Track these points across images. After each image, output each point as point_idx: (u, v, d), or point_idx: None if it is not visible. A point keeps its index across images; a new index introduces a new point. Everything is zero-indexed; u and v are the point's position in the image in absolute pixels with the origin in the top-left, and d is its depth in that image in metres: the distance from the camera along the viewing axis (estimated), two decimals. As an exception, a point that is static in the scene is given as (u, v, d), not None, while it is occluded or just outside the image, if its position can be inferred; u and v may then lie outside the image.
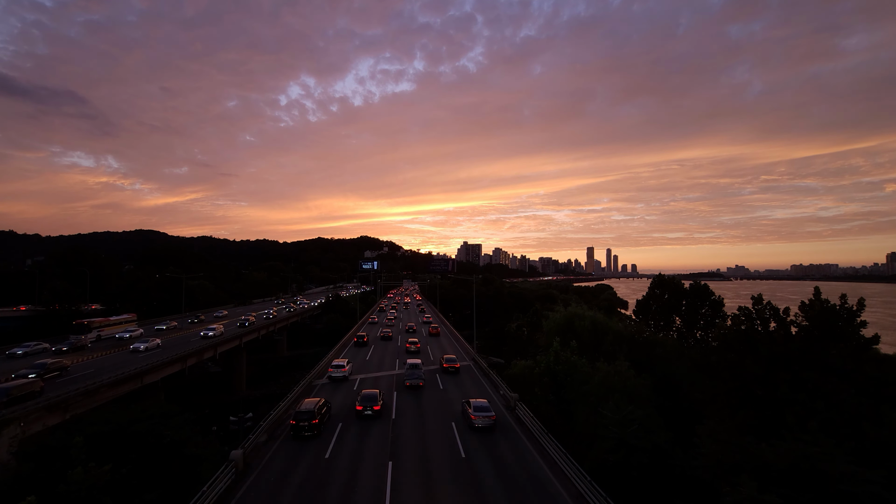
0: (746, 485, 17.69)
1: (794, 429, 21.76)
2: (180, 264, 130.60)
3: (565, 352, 39.42)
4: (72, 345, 55.78)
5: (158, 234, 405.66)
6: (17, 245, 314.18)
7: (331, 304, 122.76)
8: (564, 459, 23.21)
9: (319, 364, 46.52)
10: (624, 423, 25.97)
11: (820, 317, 30.11)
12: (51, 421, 32.87)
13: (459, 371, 45.38)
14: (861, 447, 21.35)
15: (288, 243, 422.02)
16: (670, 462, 24.67)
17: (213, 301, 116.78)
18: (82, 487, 20.97)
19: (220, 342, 64.07)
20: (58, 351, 53.10)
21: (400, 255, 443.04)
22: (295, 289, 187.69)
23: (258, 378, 79.30)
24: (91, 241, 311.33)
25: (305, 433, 27.02)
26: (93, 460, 22.71)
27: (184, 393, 64.58)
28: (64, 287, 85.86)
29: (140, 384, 44.91)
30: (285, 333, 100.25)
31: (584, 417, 31.21)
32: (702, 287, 55.37)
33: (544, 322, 64.02)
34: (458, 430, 28.69)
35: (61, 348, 54.10)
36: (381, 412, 31.33)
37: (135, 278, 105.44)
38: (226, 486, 20.47)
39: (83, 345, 57.40)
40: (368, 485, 21.26)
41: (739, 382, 30.32)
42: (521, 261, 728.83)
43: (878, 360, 29.18)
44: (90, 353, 54.24)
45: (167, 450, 27.26)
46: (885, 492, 17.87)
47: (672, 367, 40.56)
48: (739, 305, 34.54)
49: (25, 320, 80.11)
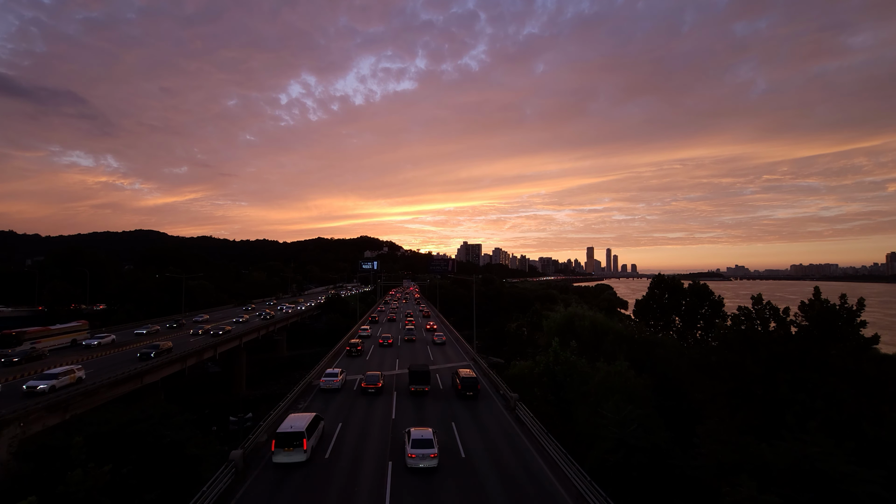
0: (746, 485, 17.70)
1: (794, 429, 21.76)
2: (180, 264, 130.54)
3: (565, 352, 39.42)
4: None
5: (158, 234, 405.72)
6: (17, 245, 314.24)
7: (331, 304, 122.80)
8: (564, 459, 23.20)
9: (316, 367, 46.48)
10: (624, 423, 25.96)
11: (820, 317, 30.15)
12: (51, 421, 32.86)
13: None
14: (861, 447, 21.34)
15: (288, 243, 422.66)
16: (670, 462, 24.66)
17: (214, 301, 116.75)
18: (81, 488, 20.96)
19: (221, 342, 64.04)
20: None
21: (400, 255, 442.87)
22: (295, 289, 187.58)
23: (258, 378, 79.28)
24: (91, 241, 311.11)
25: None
26: (93, 460, 22.71)
27: (184, 393, 64.57)
28: (64, 287, 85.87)
29: (140, 384, 44.90)
30: (285, 333, 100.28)
31: (584, 417, 31.19)
32: (701, 287, 55.34)
33: (544, 322, 64.02)
34: (457, 429, 28.81)
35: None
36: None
37: (134, 278, 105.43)
38: (226, 486, 20.46)
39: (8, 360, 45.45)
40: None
41: (739, 382, 30.36)
42: (521, 261, 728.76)
43: (878, 360, 29.19)
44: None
45: (167, 450, 27.25)
46: (885, 492, 17.87)
47: (672, 367, 40.54)
48: (739, 305, 34.59)
49: (22, 321, 79.75)
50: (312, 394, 37.13)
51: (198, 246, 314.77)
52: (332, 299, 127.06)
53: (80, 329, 61.15)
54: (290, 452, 22.50)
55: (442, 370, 46.59)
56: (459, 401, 35.38)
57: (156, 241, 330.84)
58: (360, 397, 36.08)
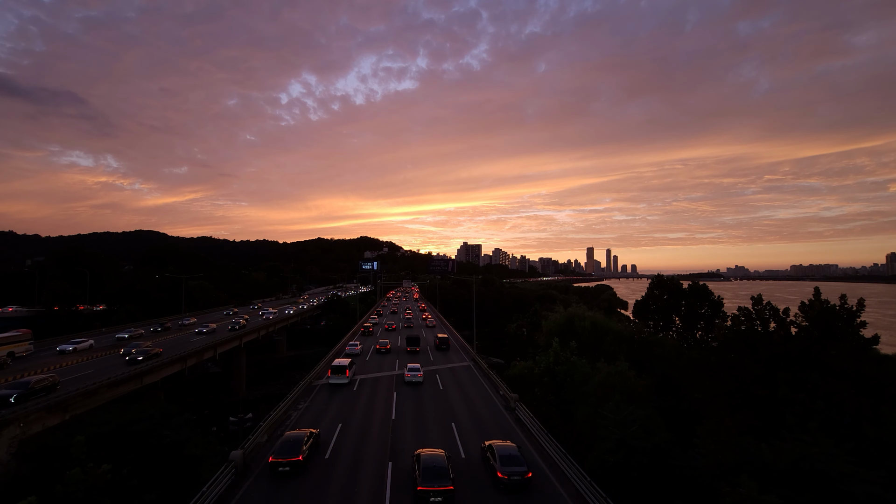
0: (746, 485, 17.69)
1: (794, 429, 21.77)
2: (180, 265, 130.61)
3: (565, 352, 39.37)
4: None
5: (158, 235, 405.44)
6: (17, 245, 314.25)
7: (331, 305, 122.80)
8: (564, 459, 23.21)
9: (316, 367, 46.42)
10: (624, 423, 25.95)
11: (820, 317, 30.14)
12: (51, 421, 32.81)
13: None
14: (861, 447, 21.35)
15: (288, 243, 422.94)
16: (670, 462, 24.65)
17: (213, 302, 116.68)
18: (81, 488, 20.94)
19: (220, 342, 64.02)
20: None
21: (400, 255, 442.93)
22: (294, 289, 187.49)
23: (258, 378, 79.25)
24: (91, 242, 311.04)
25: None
26: (92, 461, 22.69)
27: (183, 393, 64.60)
28: (64, 287, 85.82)
29: (140, 384, 44.87)
30: (285, 333, 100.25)
31: (584, 418, 31.18)
32: (701, 287, 55.37)
33: (544, 322, 63.93)
34: (457, 430, 28.78)
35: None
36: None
37: (134, 279, 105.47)
38: (226, 487, 20.45)
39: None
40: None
41: (739, 382, 30.35)
42: (521, 261, 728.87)
43: (878, 361, 29.19)
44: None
45: (167, 450, 27.24)
46: (885, 492, 17.86)
47: (672, 368, 40.54)
48: (739, 306, 34.57)
49: (21, 321, 79.35)
50: (313, 392, 37.16)
51: (198, 246, 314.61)
52: (332, 300, 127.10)
53: (17, 339, 49.84)
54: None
55: (442, 370, 46.78)
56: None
57: (156, 241, 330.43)
58: (375, 355, 54.16)
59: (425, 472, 19.73)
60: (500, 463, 21.11)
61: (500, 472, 20.72)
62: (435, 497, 19.00)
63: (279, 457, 21.83)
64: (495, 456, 21.66)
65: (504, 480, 20.56)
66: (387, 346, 56.49)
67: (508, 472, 20.61)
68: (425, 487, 19.13)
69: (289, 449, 22.26)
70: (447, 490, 19.12)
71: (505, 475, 20.58)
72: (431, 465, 20.09)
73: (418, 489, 19.25)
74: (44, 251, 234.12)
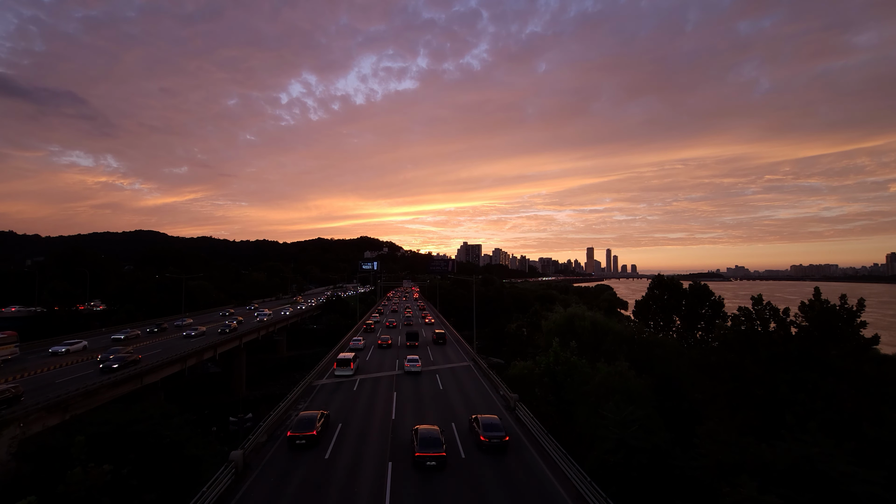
0: (746, 485, 17.68)
1: (794, 429, 21.75)
2: (180, 265, 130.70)
3: (565, 352, 39.37)
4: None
5: (158, 235, 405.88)
6: (17, 245, 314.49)
7: (331, 305, 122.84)
8: (564, 460, 23.24)
9: (316, 367, 46.45)
10: (624, 423, 25.95)
11: (820, 317, 30.13)
12: (51, 421, 32.85)
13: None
14: (861, 447, 21.32)
15: (288, 243, 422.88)
16: (670, 462, 24.66)
17: (213, 302, 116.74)
18: (81, 488, 20.95)
19: (220, 342, 64.05)
20: None
21: (400, 255, 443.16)
22: (294, 289, 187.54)
23: (258, 378, 79.26)
24: (91, 242, 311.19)
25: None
26: (92, 461, 22.69)
27: (183, 393, 64.59)
28: (64, 288, 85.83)
29: (140, 384, 44.90)
30: (285, 334, 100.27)
31: (585, 418, 31.18)
32: (701, 287, 55.32)
33: (544, 322, 63.94)
34: (457, 430, 28.81)
35: None
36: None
37: (134, 279, 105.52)
38: (226, 487, 20.46)
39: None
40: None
41: (739, 383, 30.35)
42: (521, 261, 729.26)
43: (878, 361, 29.18)
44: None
45: (167, 450, 27.23)
46: (885, 492, 17.85)
47: (672, 368, 40.53)
48: (739, 306, 34.57)
49: (23, 321, 79.52)
50: (313, 392, 37.15)
51: (198, 246, 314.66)
52: (332, 300, 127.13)
53: (1, 342, 48.16)
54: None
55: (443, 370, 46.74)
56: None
57: (156, 241, 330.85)
58: (377, 351, 57.75)
59: (421, 442, 23.35)
60: (482, 429, 25.79)
61: (483, 436, 25.33)
62: (430, 461, 22.62)
63: (296, 431, 25.67)
64: (479, 424, 26.46)
65: (485, 443, 25.16)
66: (388, 341, 61.05)
67: (489, 436, 25.25)
68: (422, 453, 22.70)
69: (304, 425, 26.03)
70: (440, 455, 22.76)
71: (486, 438, 25.21)
72: (427, 437, 23.73)
73: (416, 455, 22.83)
74: (44, 251, 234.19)
